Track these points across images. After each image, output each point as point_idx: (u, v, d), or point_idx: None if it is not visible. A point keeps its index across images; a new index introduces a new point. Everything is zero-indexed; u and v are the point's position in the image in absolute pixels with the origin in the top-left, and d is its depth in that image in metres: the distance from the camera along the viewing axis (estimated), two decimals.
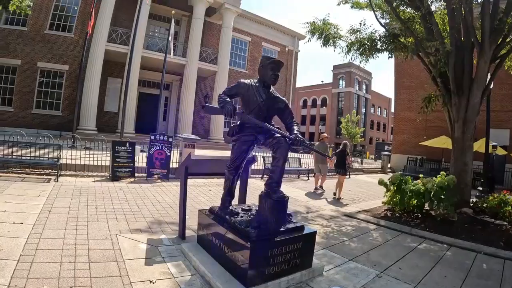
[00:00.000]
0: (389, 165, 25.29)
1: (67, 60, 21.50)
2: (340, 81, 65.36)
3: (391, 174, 15.58)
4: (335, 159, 11.43)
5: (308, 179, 14.51)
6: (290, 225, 4.18)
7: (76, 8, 22.05)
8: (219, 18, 25.81)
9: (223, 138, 24.56)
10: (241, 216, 4.39)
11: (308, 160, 15.99)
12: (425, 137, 22.42)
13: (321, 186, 12.10)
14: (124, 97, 13.76)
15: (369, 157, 42.16)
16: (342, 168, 11.06)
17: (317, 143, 13.00)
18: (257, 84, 4.50)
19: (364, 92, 66.96)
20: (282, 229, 4.02)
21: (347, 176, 12.96)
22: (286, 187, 11.37)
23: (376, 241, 6.18)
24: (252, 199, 6.31)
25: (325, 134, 13.13)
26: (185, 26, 25.64)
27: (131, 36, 16.07)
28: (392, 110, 71.23)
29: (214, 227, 4.47)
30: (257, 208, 4.53)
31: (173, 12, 17.58)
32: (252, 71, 29.07)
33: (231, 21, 25.09)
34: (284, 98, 4.75)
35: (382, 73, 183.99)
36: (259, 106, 4.37)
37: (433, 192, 7.81)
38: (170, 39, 16.35)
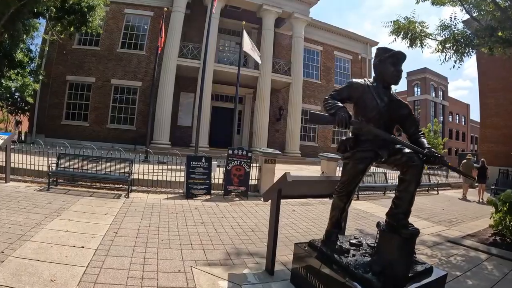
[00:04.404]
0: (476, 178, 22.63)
1: (139, 77, 21.99)
2: (415, 88, 61.37)
3: (476, 190, 15.41)
4: (478, 172, 14.89)
5: None
6: (418, 267, 3.18)
7: (146, 27, 22.69)
8: (289, 28, 25.10)
9: (299, 152, 23.56)
10: (353, 255, 3.37)
11: (394, 175, 14.33)
12: None
13: (465, 195, 14.64)
14: (199, 111, 13.25)
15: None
16: (483, 179, 14.58)
17: (464, 161, 15.72)
18: (374, 84, 3.48)
19: (441, 98, 62.41)
20: (410, 274, 3.04)
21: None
22: (374, 205, 10.34)
23: (492, 276, 4.98)
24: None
25: (470, 155, 17.08)
26: (255, 39, 25.09)
27: (202, 51, 15.75)
28: (471, 117, 66.67)
29: (316, 267, 3.45)
30: (368, 242, 3.76)
31: (244, 23, 16.96)
32: (325, 81, 27.90)
33: (301, 31, 24.22)
34: (407, 102, 3.65)
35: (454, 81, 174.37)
36: (380, 113, 3.37)
37: None
38: (243, 48, 15.58)
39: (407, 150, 3.18)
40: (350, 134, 3.59)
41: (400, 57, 3.45)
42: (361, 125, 3.34)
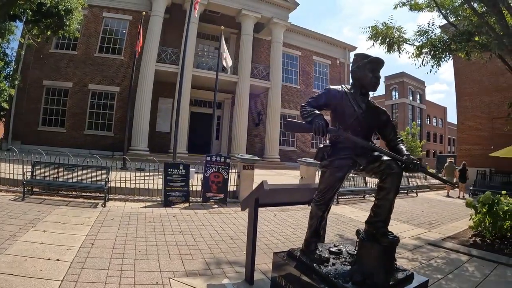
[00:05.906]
0: (455, 180, 23.06)
1: (117, 82, 21.73)
2: (393, 92, 62.46)
3: (457, 190, 17.12)
4: (459, 173, 17.26)
5: None
6: (399, 275, 3.10)
7: (124, 31, 22.51)
8: (268, 33, 25.20)
9: (279, 157, 23.64)
10: (333, 264, 3.33)
11: (373, 179, 14.48)
12: (492, 147, 20.03)
13: (448, 194, 16.76)
14: (176, 117, 13.13)
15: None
16: (463, 179, 17.09)
17: (447, 164, 17.61)
18: (351, 91, 3.47)
19: (418, 102, 63.64)
20: (391, 282, 2.97)
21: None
22: (354, 209, 10.40)
23: (474, 277, 5.04)
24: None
25: (452, 158, 18.74)
26: (234, 44, 25.15)
27: (180, 56, 15.60)
28: (448, 119, 68.01)
29: (296, 277, 3.40)
30: (347, 249, 3.69)
31: (222, 28, 16.95)
32: (304, 86, 28.15)
33: (280, 36, 24.34)
34: (385, 109, 3.65)
35: (432, 85, 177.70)
36: (358, 120, 3.36)
37: None
38: (223, 56, 15.56)
39: (385, 158, 3.17)
40: (328, 142, 3.56)
41: (379, 63, 3.44)
42: (339, 133, 3.30)
